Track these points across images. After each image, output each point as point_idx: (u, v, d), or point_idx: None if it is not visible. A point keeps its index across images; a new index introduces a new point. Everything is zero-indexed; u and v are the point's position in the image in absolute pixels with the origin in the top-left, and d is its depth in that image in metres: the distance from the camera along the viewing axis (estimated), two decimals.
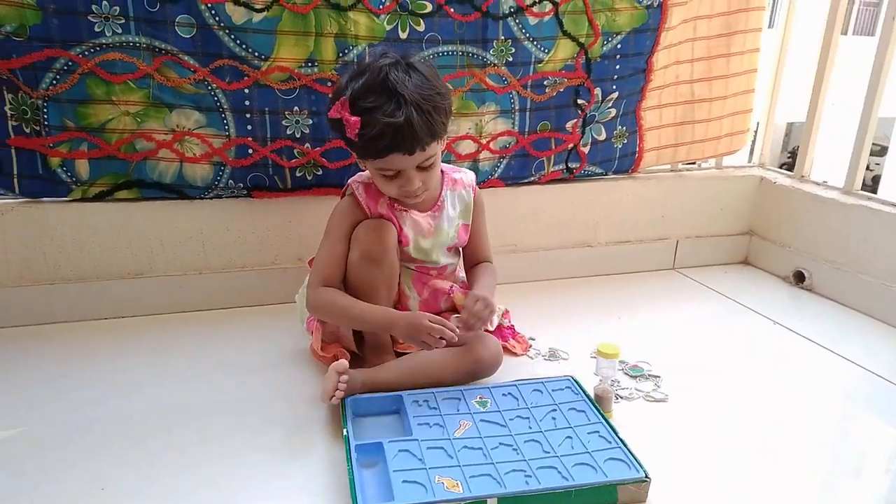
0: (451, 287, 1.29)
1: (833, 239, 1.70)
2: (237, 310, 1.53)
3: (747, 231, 1.94)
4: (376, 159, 1.10)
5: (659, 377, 1.28)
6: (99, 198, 1.41)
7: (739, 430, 1.16)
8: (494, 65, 1.55)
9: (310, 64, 1.41)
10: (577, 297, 1.67)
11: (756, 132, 1.97)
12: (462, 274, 1.38)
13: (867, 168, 2.93)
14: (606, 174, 1.77)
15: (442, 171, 1.25)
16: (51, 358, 1.29)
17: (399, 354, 1.22)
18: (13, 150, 1.33)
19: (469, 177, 1.31)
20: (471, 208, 1.29)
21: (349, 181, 1.24)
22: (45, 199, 1.40)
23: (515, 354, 1.33)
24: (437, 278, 1.29)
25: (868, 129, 1.67)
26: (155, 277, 1.47)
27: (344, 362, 1.08)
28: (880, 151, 7.86)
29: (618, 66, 1.65)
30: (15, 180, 1.35)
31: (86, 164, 1.37)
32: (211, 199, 1.47)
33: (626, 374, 1.30)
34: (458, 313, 1.19)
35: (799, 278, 1.77)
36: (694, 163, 1.94)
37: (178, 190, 1.44)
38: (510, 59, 1.56)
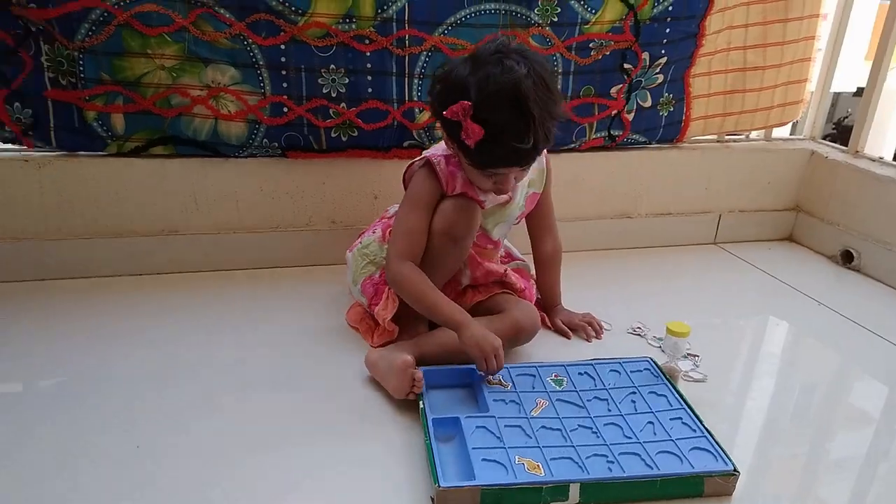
0: (506, 271, 1.26)
1: (886, 218, 1.62)
2: (271, 270, 1.52)
3: (794, 207, 1.87)
4: (486, 169, 1.07)
5: (697, 356, 1.24)
6: (134, 153, 1.40)
7: (779, 412, 1.13)
8: (538, 25, 1.49)
9: (347, 20, 1.37)
10: (615, 269, 1.63)
11: (808, 103, 1.87)
12: (507, 243, 1.36)
13: None
14: (650, 143, 1.71)
15: None
16: (87, 312, 1.30)
17: (432, 325, 1.21)
18: (50, 103, 1.32)
19: None
20: (543, 175, 1.26)
21: (428, 155, 1.16)
22: (81, 152, 1.39)
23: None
24: (492, 251, 1.27)
25: None
26: (189, 235, 1.47)
27: (410, 359, 1.03)
28: None
29: (668, 30, 1.57)
30: (52, 133, 1.34)
31: (121, 118, 1.36)
32: (245, 157, 1.45)
33: (664, 352, 1.26)
34: (506, 289, 1.25)
35: (847, 258, 1.70)
36: (741, 133, 1.86)
37: (213, 147, 1.43)
38: (555, 18, 1.49)
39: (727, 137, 1.83)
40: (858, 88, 1.98)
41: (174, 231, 1.47)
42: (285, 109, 1.41)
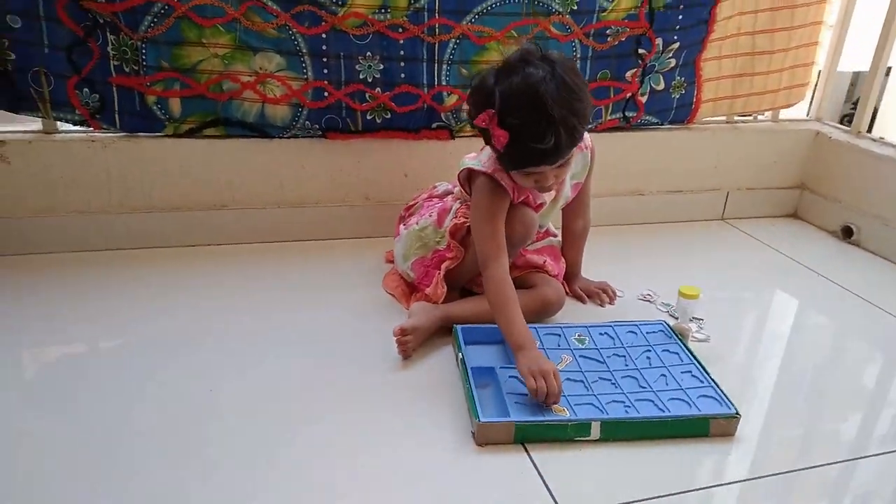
0: (545, 262, 1.38)
1: (883, 196, 1.73)
2: (310, 243, 1.65)
3: (798, 185, 1.97)
4: (517, 169, 1.16)
5: (702, 319, 1.36)
6: (189, 134, 1.53)
7: (778, 372, 1.25)
8: (559, 13, 1.59)
9: (383, 10, 1.48)
10: (629, 244, 1.74)
11: (815, 85, 1.96)
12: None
13: None
14: (662, 124, 1.82)
15: None
16: (146, 280, 1.44)
17: (464, 292, 1.35)
18: (115, 88, 1.45)
19: (587, 138, 1.34)
20: (587, 167, 1.36)
21: (490, 171, 1.21)
22: (141, 133, 1.52)
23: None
24: (538, 239, 1.40)
25: None
26: (238, 209, 1.61)
27: (402, 326, 1.17)
28: None
29: (681, 17, 1.67)
30: (116, 116, 1.48)
31: (178, 102, 1.49)
32: (288, 138, 1.58)
33: (670, 315, 1.39)
34: (539, 269, 1.36)
35: (847, 233, 1.81)
36: (751, 115, 1.96)
37: (260, 129, 1.56)
38: (574, 7, 1.60)
39: (736, 118, 1.94)
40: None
41: (223, 206, 1.60)
42: (325, 94, 1.53)
